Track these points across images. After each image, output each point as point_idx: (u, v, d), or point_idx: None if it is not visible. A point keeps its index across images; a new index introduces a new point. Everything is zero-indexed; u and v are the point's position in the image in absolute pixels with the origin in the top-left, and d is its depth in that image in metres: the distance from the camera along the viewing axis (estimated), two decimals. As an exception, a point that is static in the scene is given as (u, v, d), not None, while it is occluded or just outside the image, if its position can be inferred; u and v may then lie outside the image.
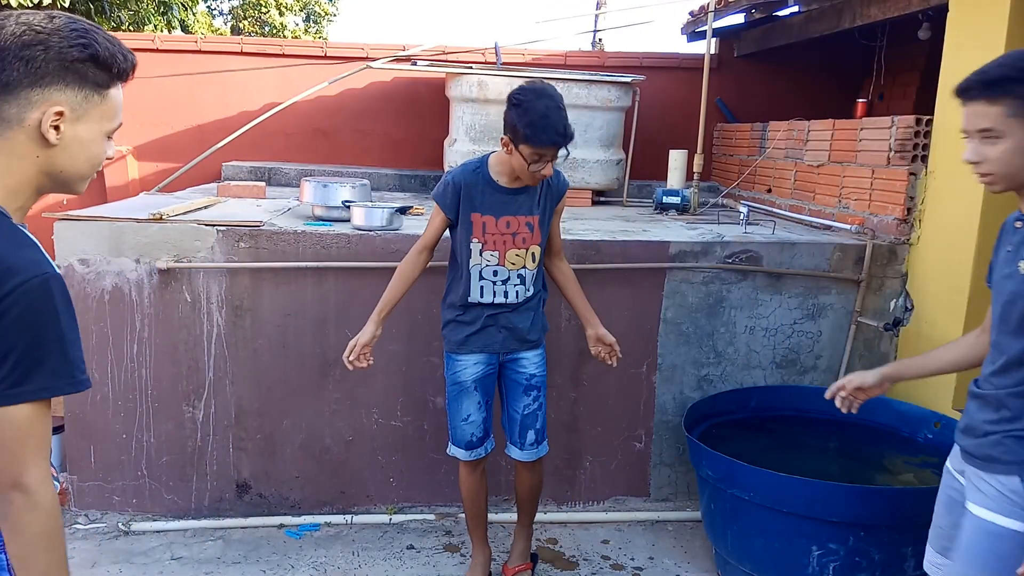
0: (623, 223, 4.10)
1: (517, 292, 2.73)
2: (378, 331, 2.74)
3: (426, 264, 2.79)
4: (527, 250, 2.71)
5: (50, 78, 1.19)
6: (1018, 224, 1.81)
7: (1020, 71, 1.65)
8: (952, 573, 1.91)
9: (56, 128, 1.21)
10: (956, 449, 2.01)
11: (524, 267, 2.72)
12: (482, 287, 2.71)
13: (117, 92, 1.29)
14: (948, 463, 2.06)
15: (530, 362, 2.83)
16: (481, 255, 2.68)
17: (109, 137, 1.31)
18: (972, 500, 1.88)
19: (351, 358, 2.71)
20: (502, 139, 2.57)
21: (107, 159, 1.34)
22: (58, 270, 1.21)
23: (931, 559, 2.07)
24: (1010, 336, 1.79)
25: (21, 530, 1.18)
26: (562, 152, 2.57)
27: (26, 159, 1.22)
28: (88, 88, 1.23)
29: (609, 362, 2.90)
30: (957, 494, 1.98)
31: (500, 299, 2.72)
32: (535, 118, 2.45)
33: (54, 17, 1.21)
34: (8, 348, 1.14)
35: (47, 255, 1.21)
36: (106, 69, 1.24)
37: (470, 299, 2.72)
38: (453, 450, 2.89)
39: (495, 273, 2.70)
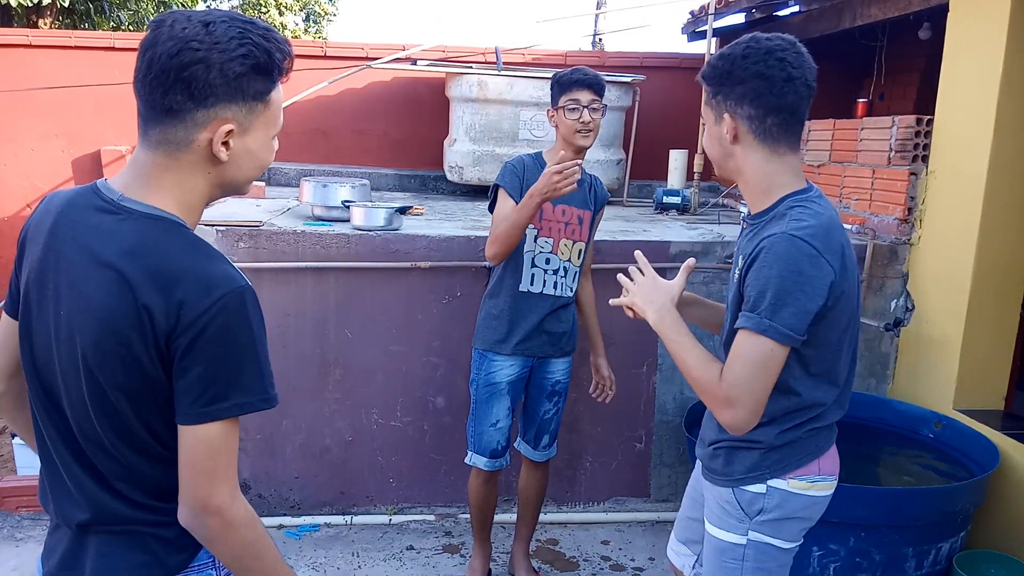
0: (623, 223, 4.10)
1: (563, 285, 2.75)
2: None
3: None
4: (574, 243, 2.74)
5: (215, 98, 1.13)
6: (744, 225, 1.76)
7: (715, 58, 1.65)
8: None
9: (226, 144, 1.16)
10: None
11: (569, 260, 2.74)
12: (533, 275, 2.72)
13: (278, 94, 1.22)
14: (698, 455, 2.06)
15: (558, 368, 2.85)
16: (536, 241, 2.70)
17: (274, 138, 1.26)
18: (706, 515, 1.86)
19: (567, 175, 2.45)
20: (548, 112, 2.72)
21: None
22: (249, 282, 1.17)
23: (673, 547, 2.11)
24: (724, 346, 1.72)
25: (223, 548, 1.17)
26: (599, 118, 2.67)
27: (199, 177, 1.18)
28: (252, 99, 1.17)
29: (600, 398, 2.99)
30: (698, 494, 1.98)
31: (549, 290, 2.73)
32: (568, 72, 2.69)
33: (209, 24, 1.11)
34: (207, 363, 1.11)
35: (234, 265, 1.18)
36: (267, 75, 1.17)
37: (520, 288, 2.71)
38: (474, 459, 2.85)
39: (547, 261, 2.72)
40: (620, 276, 1.82)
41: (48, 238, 1.18)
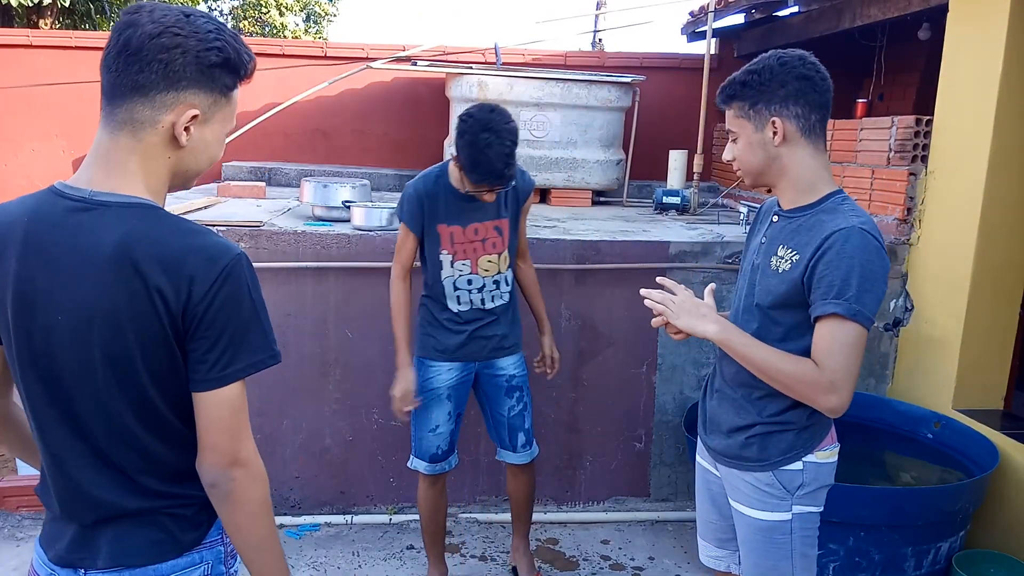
0: (623, 223, 4.10)
1: (493, 297, 2.69)
2: (412, 371, 2.69)
3: (410, 286, 2.73)
4: (500, 255, 2.66)
5: (186, 82, 1.17)
6: (775, 218, 1.87)
7: (744, 75, 1.77)
8: (744, 568, 1.98)
9: (187, 130, 1.20)
10: (701, 444, 2.06)
11: (499, 272, 2.67)
12: (458, 296, 2.66)
13: (237, 94, 1.27)
14: (699, 458, 2.10)
15: (508, 363, 2.78)
16: (452, 266, 2.62)
17: (225, 137, 1.30)
18: (735, 499, 1.94)
19: (405, 409, 2.68)
20: (452, 156, 2.55)
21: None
22: (241, 248, 1.22)
23: (709, 553, 2.15)
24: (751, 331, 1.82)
25: (245, 502, 1.23)
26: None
27: (160, 161, 1.21)
28: (218, 91, 1.21)
29: (539, 371, 2.94)
30: (717, 487, 2.04)
31: (478, 305, 2.67)
32: (474, 153, 2.40)
33: (189, 16, 1.17)
34: (219, 331, 1.17)
35: (221, 235, 1.22)
36: (235, 72, 1.23)
37: (449, 307, 2.68)
38: (415, 463, 2.81)
39: (469, 282, 2.65)
40: (648, 296, 1.95)
41: (22, 249, 1.16)
